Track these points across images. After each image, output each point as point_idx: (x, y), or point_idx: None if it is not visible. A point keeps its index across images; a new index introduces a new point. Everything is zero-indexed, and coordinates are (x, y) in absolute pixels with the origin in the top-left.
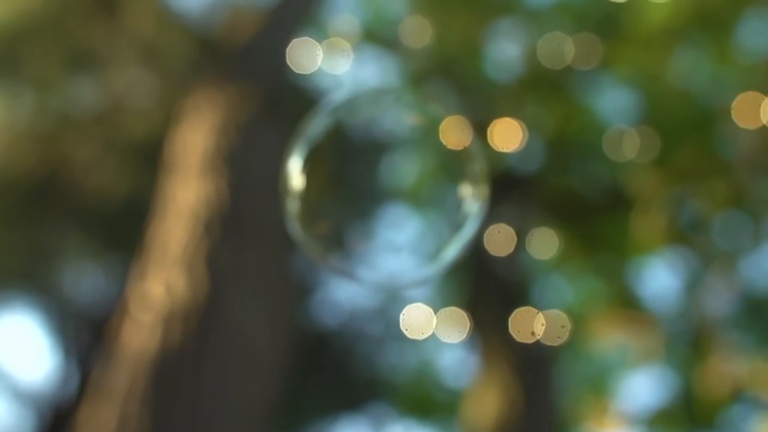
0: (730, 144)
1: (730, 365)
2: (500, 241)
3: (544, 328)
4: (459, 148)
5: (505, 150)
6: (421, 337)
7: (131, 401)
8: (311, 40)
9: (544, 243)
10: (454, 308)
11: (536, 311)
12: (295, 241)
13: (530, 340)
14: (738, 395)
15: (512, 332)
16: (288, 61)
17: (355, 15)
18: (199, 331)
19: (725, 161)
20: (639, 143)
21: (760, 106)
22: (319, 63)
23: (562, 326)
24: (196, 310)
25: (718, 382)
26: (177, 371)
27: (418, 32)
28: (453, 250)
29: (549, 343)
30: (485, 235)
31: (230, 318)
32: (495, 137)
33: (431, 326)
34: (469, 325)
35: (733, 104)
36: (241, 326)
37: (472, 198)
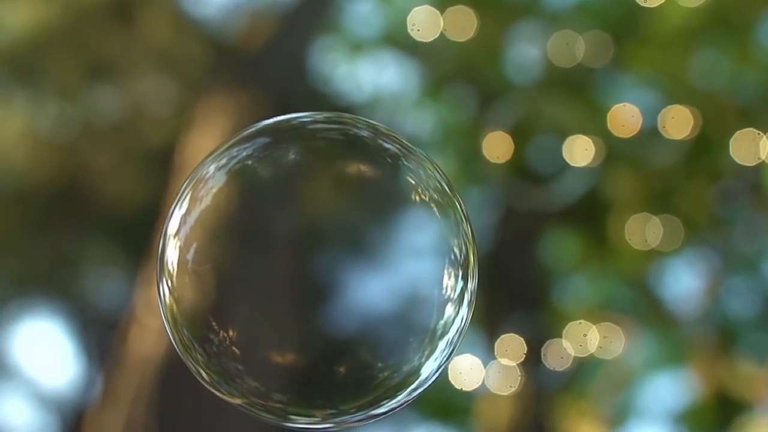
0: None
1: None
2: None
3: (591, 340)
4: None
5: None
6: (469, 389)
7: (138, 405)
8: (328, 44)
9: (562, 245)
10: (505, 359)
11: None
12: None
13: (585, 353)
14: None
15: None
16: (303, 67)
17: (373, 19)
18: None
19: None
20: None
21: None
22: (335, 68)
23: (604, 337)
24: None
25: (731, 386)
26: (183, 376)
27: (436, 35)
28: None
29: (599, 355)
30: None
31: None
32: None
33: (480, 378)
34: (520, 378)
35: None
36: None
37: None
